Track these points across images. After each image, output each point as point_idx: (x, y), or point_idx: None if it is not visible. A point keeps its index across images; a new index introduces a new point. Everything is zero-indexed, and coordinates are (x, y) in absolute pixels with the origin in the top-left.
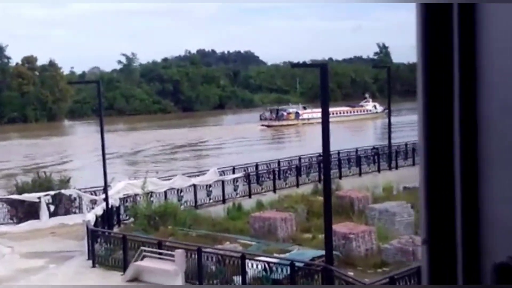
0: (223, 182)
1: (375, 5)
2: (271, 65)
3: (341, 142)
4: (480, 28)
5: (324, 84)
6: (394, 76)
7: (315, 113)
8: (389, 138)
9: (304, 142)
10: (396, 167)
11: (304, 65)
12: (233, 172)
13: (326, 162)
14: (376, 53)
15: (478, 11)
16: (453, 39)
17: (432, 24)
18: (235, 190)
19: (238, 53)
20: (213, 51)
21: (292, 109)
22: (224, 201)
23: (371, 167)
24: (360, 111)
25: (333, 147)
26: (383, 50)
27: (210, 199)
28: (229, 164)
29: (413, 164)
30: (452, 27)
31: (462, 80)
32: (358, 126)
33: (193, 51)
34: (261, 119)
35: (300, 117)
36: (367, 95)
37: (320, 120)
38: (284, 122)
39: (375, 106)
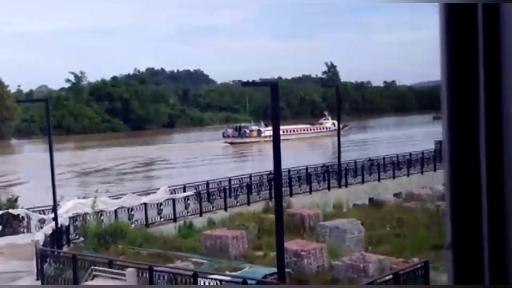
0: (174, 200)
1: (326, 26)
2: (220, 83)
3: (301, 158)
4: (505, 28)
5: (275, 102)
6: (342, 94)
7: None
8: (339, 155)
9: (265, 159)
10: (346, 185)
11: (254, 83)
12: (184, 190)
13: (277, 180)
14: (324, 72)
15: (503, 10)
16: (477, 39)
17: (456, 24)
18: (186, 208)
19: (187, 72)
20: (163, 70)
21: (254, 126)
22: (175, 219)
23: (321, 184)
24: (320, 129)
25: (296, 163)
26: (331, 69)
27: (161, 217)
28: (189, 181)
29: (362, 182)
30: (477, 27)
31: (487, 80)
32: (317, 144)
33: (143, 69)
34: (223, 136)
35: (262, 135)
36: (326, 113)
37: (282, 138)
38: (247, 139)
39: (333, 124)
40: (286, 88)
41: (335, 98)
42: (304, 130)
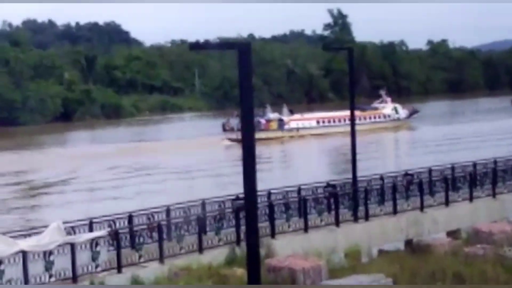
0: (73, 245)
1: None
2: (150, 46)
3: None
4: None
5: (244, 70)
6: (360, 62)
7: (308, 120)
8: (354, 168)
9: (291, 167)
10: (367, 217)
11: (213, 45)
12: (90, 229)
13: (249, 211)
14: (328, 26)
15: None
16: None
17: None
18: (94, 259)
19: (94, 26)
20: (51, 23)
21: (272, 114)
22: (75, 279)
23: (324, 216)
24: (375, 117)
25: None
26: (339, 21)
27: (50, 276)
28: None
29: (394, 212)
30: None
31: None
32: (371, 141)
33: (17, 22)
34: (224, 129)
35: (286, 127)
36: (382, 93)
37: (317, 131)
38: (262, 135)
39: (395, 110)
40: (260, 54)
41: (348, 70)
42: (346, 119)
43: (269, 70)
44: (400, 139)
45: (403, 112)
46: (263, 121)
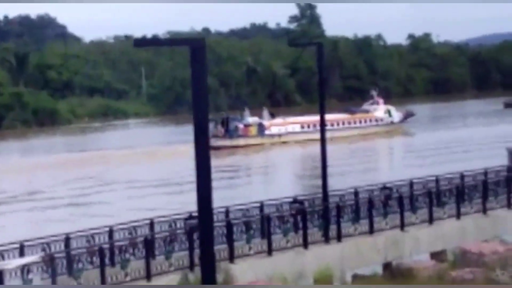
0: (1, 273)
1: None
2: (90, 42)
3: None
4: None
5: (197, 69)
6: (331, 60)
7: (291, 124)
8: (324, 182)
9: (273, 180)
10: (339, 237)
11: (162, 42)
12: (21, 253)
13: (204, 231)
14: (293, 19)
15: None
16: None
17: None
18: None
19: (25, 20)
20: None
21: (251, 118)
22: None
23: (290, 237)
24: (366, 121)
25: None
26: (307, 13)
27: None
28: None
29: (370, 231)
30: None
31: None
32: (362, 148)
33: None
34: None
35: (267, 132)
36: (373, 93)
37: (301, 137)
38: (240, 141)
39: (389, 112)
40: (217, 51)
41: (316, 67)
42: (340, 123)
43: (226, 69)
44: (395, 146)
45: (397, 115)
46: (241, 126)
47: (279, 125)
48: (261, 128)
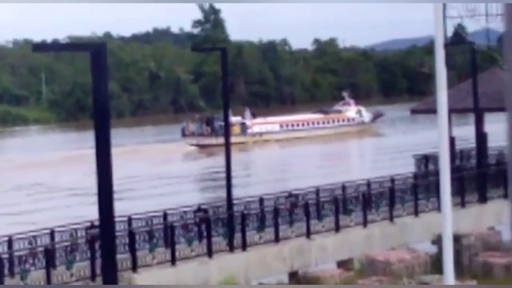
0: None
1: None
2: None
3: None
4: None
5: (98, 73)
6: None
7: (271, 124)
8: (229, 189)
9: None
10: (244, 246)
11: (61, 47)
12: None
13: (106, 240)
14: (197, 23)
15: None
16: None
17: None
18: None
19: None
20: None
21: (234, 118)
22: None
23: (194, 246)
24: (339, 120)
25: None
26: (211, 17)
27: None
28: None
29: (276, 239)
30: None
31: None
32: (332, 149)
33: None
34: (184, 134)
35: (249, 131)
36: (345, 94)
37: (280, 136)
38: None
39: (359, 113)
40: (118, 56)
41: (221, 73)
42: (314, 122)
43: (129, 74)
44: (367, 147)
45: (367, 115)
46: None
47: (260, 124)
48: (243, 127)
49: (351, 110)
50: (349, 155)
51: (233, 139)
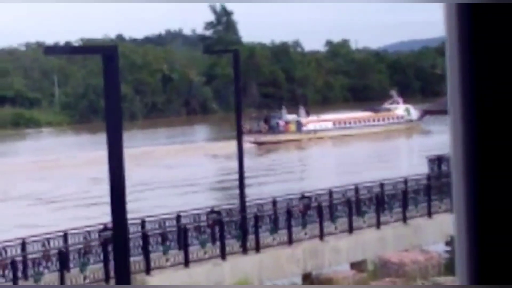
0: None
1: None
2: (0, 49)
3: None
4: None
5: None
6: (247, 67)
7: (325, 122)
8: (241, 191)
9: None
10: (257, 248)
11: (73, 50)
12: None
13: (119, 243)
14: (209, 25)
15: None
16: None
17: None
18: None
19: None
20: None
21: (290, 116)
22: None
23: (208, 248)
24: (387, 118)
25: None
26: (223, 19)
27: None
28: None
29: (289, 241)
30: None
31: None
32: (383, 145)
33: None
34: (243, 132)
35: (304, 129)
36: (393, 93)
37: (334, 133)
38: (282, 137)
39: (408, 111)
40: (131, 58)
41: (234, 75)
42: (365, 120)
43: (141, 77)
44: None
45: (414, 113)
46: (282, 123)
47: (314, 122)
48: (299, 124)
49: (399, 108)
50: (412, 151)
51: (290, 137)
